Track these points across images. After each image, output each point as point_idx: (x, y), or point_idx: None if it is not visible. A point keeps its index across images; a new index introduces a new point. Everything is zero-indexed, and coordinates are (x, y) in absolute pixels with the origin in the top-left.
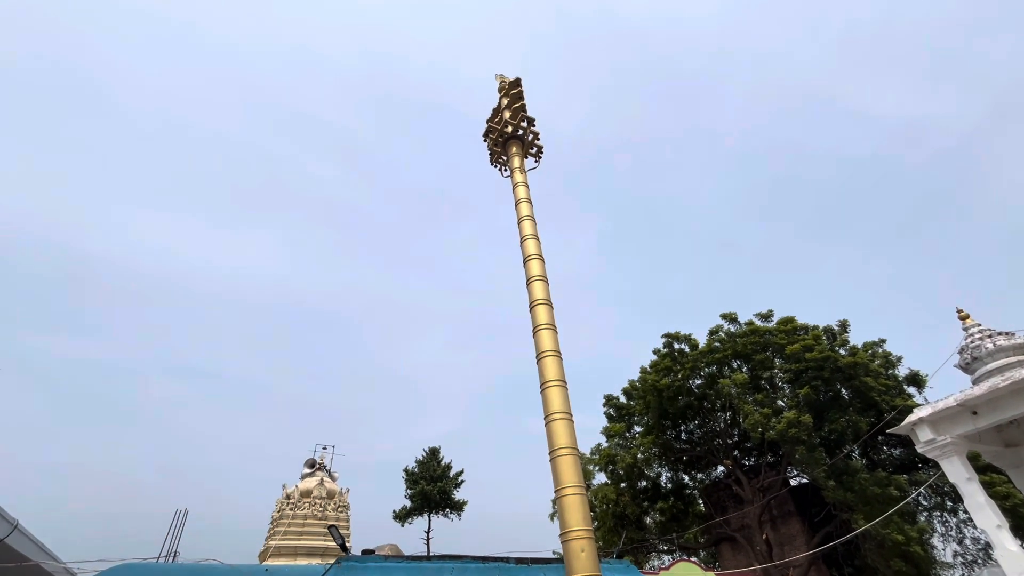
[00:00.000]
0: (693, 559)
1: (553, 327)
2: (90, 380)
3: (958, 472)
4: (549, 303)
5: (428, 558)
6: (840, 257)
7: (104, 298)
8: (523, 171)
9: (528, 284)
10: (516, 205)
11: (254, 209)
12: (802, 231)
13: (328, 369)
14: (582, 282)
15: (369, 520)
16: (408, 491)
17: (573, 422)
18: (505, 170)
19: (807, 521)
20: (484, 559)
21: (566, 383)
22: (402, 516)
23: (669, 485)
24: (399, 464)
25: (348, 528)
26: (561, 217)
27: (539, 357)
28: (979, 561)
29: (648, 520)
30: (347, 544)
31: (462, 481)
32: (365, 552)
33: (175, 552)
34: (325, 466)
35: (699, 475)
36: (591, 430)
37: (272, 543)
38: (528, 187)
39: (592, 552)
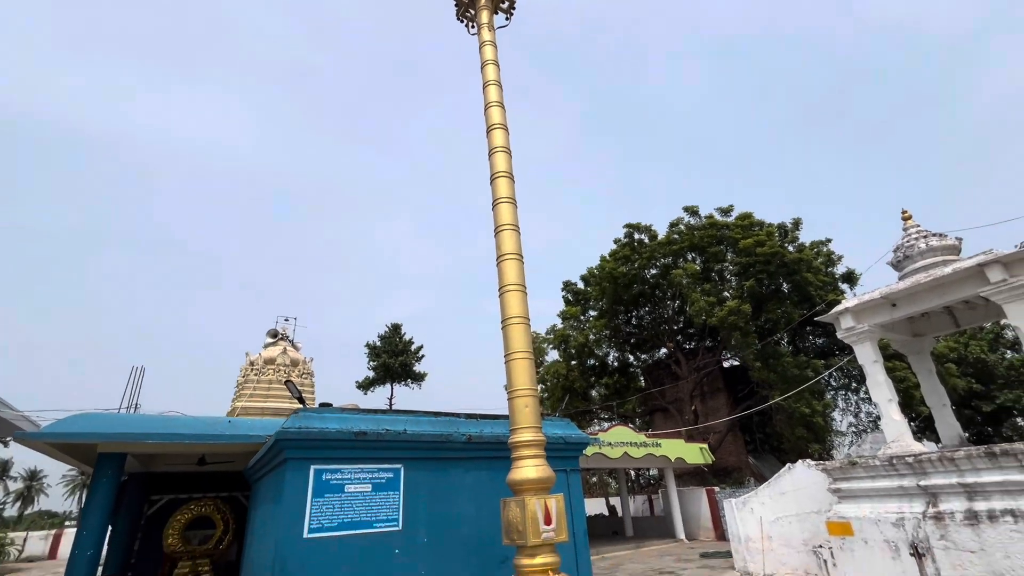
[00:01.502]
0: (630, 425)
1: (513, 201)
2: (45, 248)
3: (867, 355)
4: (511, 176)
5: (383, 411)
6: (811, 154)
7: (50, 162)
8: (491, 28)
9: (490, 155)
10: (482, 68)
11: (207, 67)
12: (778, 127)
13: (293, 247)
14: (554, 169)
15: (334, 392)
16: (370, 363)
17: (526, 294)
18: (472, 26)
19: (732, 397)
20: (436, 414)
21: (522, 257)
22: (365, 385)
23: (615, 363)
24: (364, 343)
25: (313, 395)
26: (538, 101)
27: (497, 231)
28: (868, 430)
29: (593, 393)
30: (304, 398)
31: (422, 356)
32: (323, 405)
33: (136, 405)
34: (288, 336)
35: (643, 356)
36: (549, 314)
37: (239, 404)
38: (496, 47)
39: (535, 408)
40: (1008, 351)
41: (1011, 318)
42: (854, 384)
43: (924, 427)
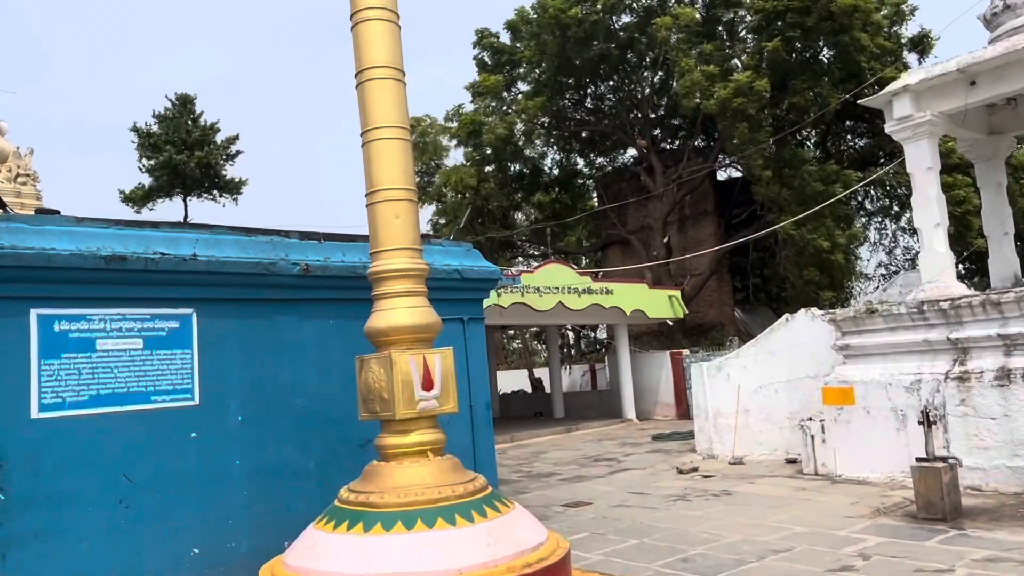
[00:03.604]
0: (571, 264)
1: None
2: None
3: (921, 158)
4: None
5: (153, 225)
6: None
7: None
8: None
9: None
10: None
11: None
12: None
13: None
14: None
15: (85, 207)
16: (146, 162)
17: (398, 27)
18: None
19: (723, 224)
20: (251, 231)
21: None
22: (138, 198)
23: (555, 171)
24: (130, 126)
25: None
26: None
27: None
28: (902, 272)
29: (519, 217)
30: (5, 203)
31: (237, 152)
32: (42, 212)
33: None
34: None
35: (599, 159)
36: (451, 88)
37: None
38: None
39: (411, 220)
40: None
41: None
42: (896, 208)
43: (976, 269)
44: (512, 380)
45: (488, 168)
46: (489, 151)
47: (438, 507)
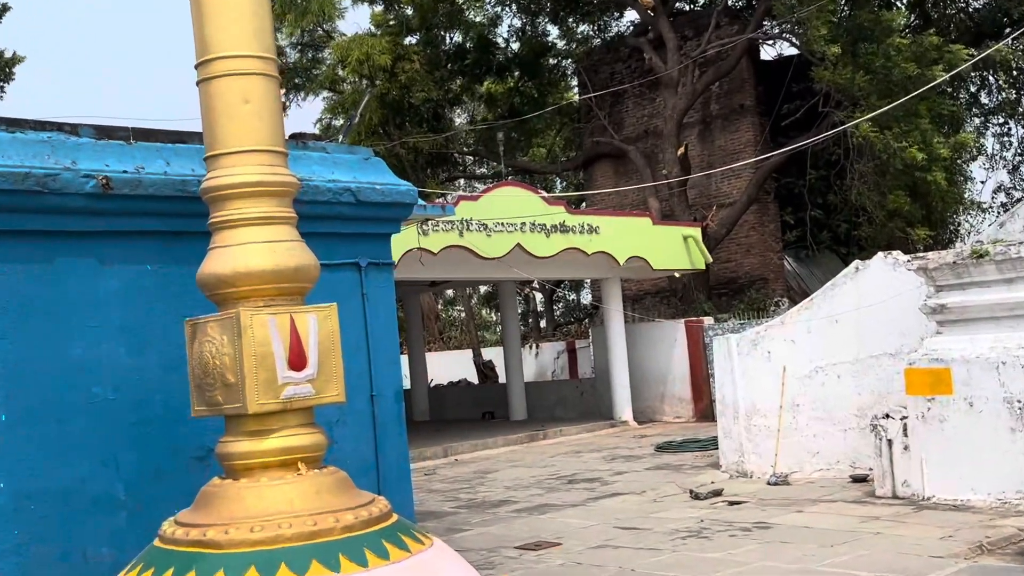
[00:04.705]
0: (537, 189)
1: None
2: None
3: None
4: None
5: None
6: None
7: None
8: None
9: None
10: None
11: None
12: None
13: None
14: None
15: None
16: None
17: None
18: None
19: (767, 126)
20: (14, 124)
21: None
22: None
23: (514, 46)
24: None
25: None
26: None
27: None
28: None
29: (459, 117)
30: None
31: (3, 7)
32: None
33: None
34: None
35: (581, 28)
36: None
37: None
38: None
39: (270, 105)
40: None
41: None
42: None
43: None
44: (450, 365)
45: (409, 40)
46: (411, 13)
47: (314, 545)
